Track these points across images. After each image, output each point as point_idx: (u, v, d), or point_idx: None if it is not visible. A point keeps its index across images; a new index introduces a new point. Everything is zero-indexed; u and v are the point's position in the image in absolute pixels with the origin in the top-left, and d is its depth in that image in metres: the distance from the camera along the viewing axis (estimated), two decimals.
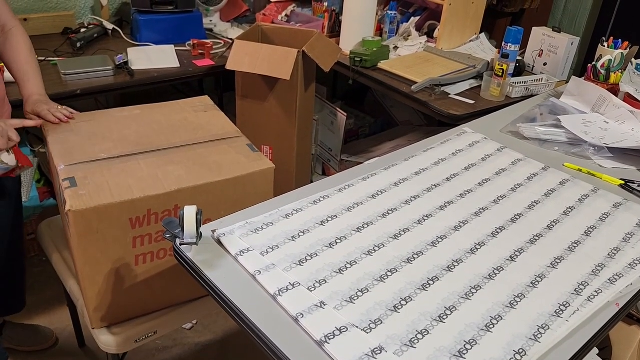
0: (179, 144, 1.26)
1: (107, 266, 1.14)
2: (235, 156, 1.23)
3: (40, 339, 1.75)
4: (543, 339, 0.77)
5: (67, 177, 1.10)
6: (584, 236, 1.01)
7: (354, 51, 1.94)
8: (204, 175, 1.16)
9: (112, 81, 1.76)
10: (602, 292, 0.87)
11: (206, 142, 1.28)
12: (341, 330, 0.76)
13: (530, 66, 2.00)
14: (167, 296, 1.26)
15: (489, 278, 0.88)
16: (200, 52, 1.99)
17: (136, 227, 1.12)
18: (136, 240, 1.14)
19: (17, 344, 1.72)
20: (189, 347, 1.84)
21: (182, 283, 1.24)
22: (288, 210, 1.01)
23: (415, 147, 1.30)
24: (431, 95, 1.74)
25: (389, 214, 1.03)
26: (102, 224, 1.08)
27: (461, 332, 0.77)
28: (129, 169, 1.16)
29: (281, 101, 1.83)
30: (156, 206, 1.11)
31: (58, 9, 2.15)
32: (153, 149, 1.23)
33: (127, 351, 1.26)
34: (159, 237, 1.16)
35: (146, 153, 1.22)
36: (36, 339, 1.75)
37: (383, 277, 0.87)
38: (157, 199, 1.10)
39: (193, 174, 1.16)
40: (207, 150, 1.25)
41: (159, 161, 1.20)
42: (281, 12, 2.30)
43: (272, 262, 0.88)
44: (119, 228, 1.10)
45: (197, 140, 1.28)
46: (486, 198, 1.11)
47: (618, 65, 1.60)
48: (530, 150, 1.33)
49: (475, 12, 2.16)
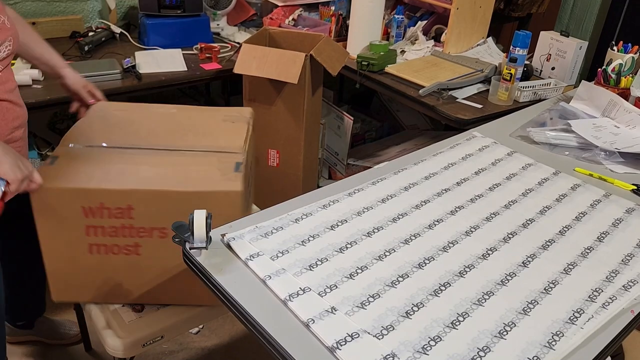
0: (177, 148, 1.25)
1: (63, 246, 1.17)
2: (213, 171, 1.18)
3: (67, 334, 1.78)
4: (557, 346, 0.76)
5: (53, 156, 1.16)
6: (596, 242, 1.00)
7: (361, 55, 1.94)
8: (168, 182, 1.13)
9: (120, 85, 1.76)
10: (617, 298, 0.86)
11: (202, 151, 1.25)
12: (353, 337, 0.75)
13: (538, 70, 1.99)
14: (122, 291, 1.26)
15: (502, 284, 0.87)
16: (207, 56, 1.99)
17: (89, 217, 1.13)
18: (90, 229, 1.15)
19: (46, 337, 1.75)
20: (195, 351, 1.83)
21: (136, 282, 1.23)
22: (298, 214, 1.01)
23: (425, 152, 1.29)
24: (439, 99, 1.74)
25: (399, 218, 1.02)
26: (58, 206, 1.11)
27: (474, 339, 0.76)
28: (110, 161, 1.17)
29: (289, 105, 1.82)
30: (109, 201, 1.11)
31: (66, 13, 2.16)
32: (152, 147, 1.24)
33: (134, 355, 1.26)
34: (113, 232, 1.15)
35: (143, 149, 1.22)
36: (64, 333, 1.78)
37: (394, 283, 0.86)
38: (110, 194, 1.11)
39: (159, 178, 1.14)
40: (194, 160, 1.21)
41: (144, 159, 1.19)
42: (288, 16, 2.30)
43: (282, 267, 0.87)
44: (72, 213, 1.12)
45: (195, 148, 1.26)
46: (497, 203, 1.10)
47: (629, 70, 1.59)
48: (541, 154, 1.32)
49: (483, 16, 2.15)
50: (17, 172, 0.98)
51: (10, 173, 0.97)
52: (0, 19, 1.10)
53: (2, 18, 1.10)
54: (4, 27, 1.11)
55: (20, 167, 0.99)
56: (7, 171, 0.97)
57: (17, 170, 0.98)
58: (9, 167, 0.97)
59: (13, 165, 0.98)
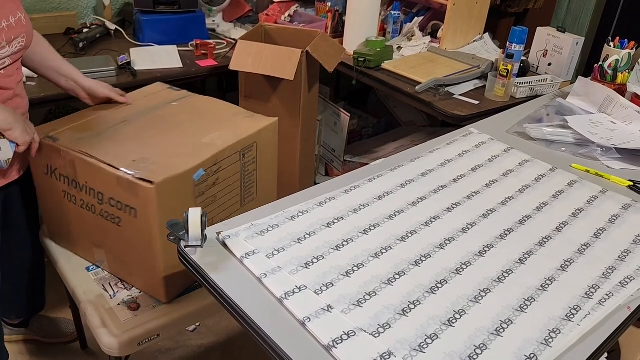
0: None
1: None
2: None
3: (64, 332, 1.78)
4: (554, 343, 0.76)
5: None
6: (593, 238, 1.00)
7: (358, 51, 1.93)
8: None
9: (115, 82, 1.74)
10: (614, 295, 0.86)
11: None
12: (349, 335, 0.75)
13: (534, 66, 1.98)
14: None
15: (498, 281, 0.87)
16: (203, 53, 1.98)
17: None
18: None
19: (43, 336, 1.75)
20: (191, 349, 1.83)
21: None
22: (293, 212, 1.00)
23: (421, 148, 1.29)
24: (435, 95, 1.73)
25: (396, 215, 1.02)
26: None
27: (471, 337, 0.76)
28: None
29: (285, 102, 1.81)
30: None
31: (60, 9, 2.14)
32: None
33: (129, 354, 1.25)
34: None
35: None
36: (60, 331, 1.78)
37: (391, 280, 0.86)
38: None
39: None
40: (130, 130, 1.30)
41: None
42: (284, 12, 2.29)
43: (278, 265, 0.87)
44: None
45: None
46: (494, 199, 1.10)
47: (625, 66, 1.59)
48: (537, 151, 1.32)
49: (479, 12, 2.14)
50: (26, 136, 1.14)
51: (20, 137, 1.13)
52: (17, 16, 1.16)
53: (20, 15, 1.16)
54: (20, 23, 1.16)
55: (27, 131, 1.15)
56: (18, 136, 1.12)
57: (26, 135, 1.14)
58: (19, 132, 1.12)
59: (23, 130, 1.13)
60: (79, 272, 1.35)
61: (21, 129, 1.13)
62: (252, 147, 1.31)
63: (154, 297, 1.28)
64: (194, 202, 1.19)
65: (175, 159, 1.17)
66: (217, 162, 1.22)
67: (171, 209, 1.13)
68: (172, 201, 1.13)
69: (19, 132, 1.12)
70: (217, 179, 1.24)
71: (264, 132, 1.34)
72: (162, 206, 1.10)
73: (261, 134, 1.33)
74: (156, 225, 1.12)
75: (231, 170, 1.27)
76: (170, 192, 1.11)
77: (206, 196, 1.22)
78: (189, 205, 1.13)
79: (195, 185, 1.18)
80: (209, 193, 1.23)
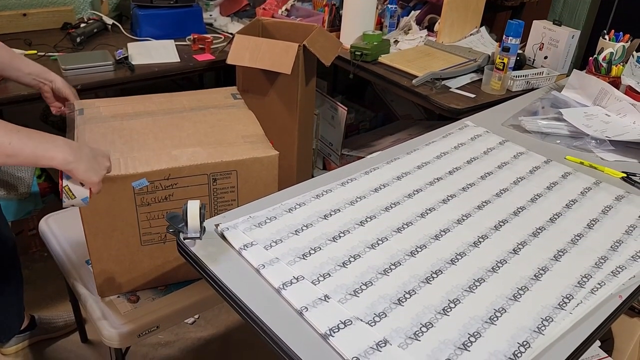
0: None
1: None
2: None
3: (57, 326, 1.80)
4: (547, 331, 0.77)
5: None
6: (586, 229, 1.01)
7: (355, 45, 1.94)
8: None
9: (113, 76, 1.75)
10: (605, 284, 0.87)
11: None
12: (346, 324, 0.76)
13: (530, 60, 1.99)
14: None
15: (493, 271, 0.89)
16: (200, 47, 1.99)
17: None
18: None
19: (52, 333, 1.78)
20: (191, 341, 1.84)
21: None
22: (291, 204, 1.02)
23: (417, 141, 1.30)
24: (432, 89, 1.74)
25: (392, 207, 1.03)
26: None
27: (465, 325, 0.78)
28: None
29: (282, 96, 1.82)
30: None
31: (57, 4, 2.15)
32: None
33: (129, 346, 1.27)
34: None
35: None
36: (54, 327, 1.80)
37: (387, 271, 0.87)
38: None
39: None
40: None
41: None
42: (281, 6, 2.29)
43: (276, 256, 0.88)
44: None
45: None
46: (489, 191, 1.11)
47: (619, 58, 1.60)
48: (532, 143, 1.33)
49: (476, 5, 2.15)
50: (92, 177, 0.94)
51: (86, 179, 0.93)
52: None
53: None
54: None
55: (95, 169, 0.94)
56: (82, 178, 0.93)
57: (93, 175, 0.94)
58: (82, 171, 0.92)
59: (86, 169, 0.92)
60: (79, 266, 1.37)
61: (84, 168, 0.92)
62: (228, 175, 1.18)
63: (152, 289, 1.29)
64: (134, 209, 1.15)
65: (130, 162, 1.12)
66: (169, 178, 1.13)
67: (106, 205, 1.11)
68: (106, 198, 1.10)
69: (82, 172, 0.92)
70: (171, 195, 1.15)
71: (249, 163, 1.18)
72: (94, 199, 1.04)
73: (244, 164, 1.18)
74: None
75: (193, 191, 1.17)
76: (105, 189, 1.02)
77: (152, 208, 1.16)
78: (126, 210, 1.13)
79: (136, 194, 1.12)
80: (157, 207, 1.16)
